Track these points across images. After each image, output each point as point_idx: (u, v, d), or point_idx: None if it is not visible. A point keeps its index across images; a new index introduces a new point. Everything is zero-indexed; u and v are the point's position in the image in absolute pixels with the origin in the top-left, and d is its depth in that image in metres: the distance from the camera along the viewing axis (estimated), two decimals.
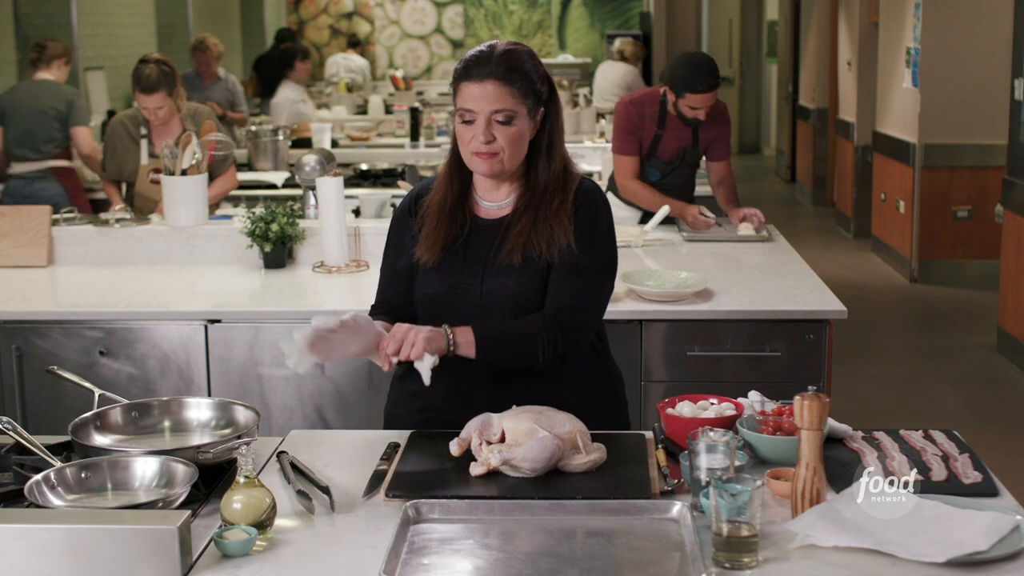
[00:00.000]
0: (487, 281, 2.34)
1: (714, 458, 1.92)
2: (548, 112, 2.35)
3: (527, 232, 2.32)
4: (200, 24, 11.49)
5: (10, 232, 4.06)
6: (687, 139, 4.53)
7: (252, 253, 4.00)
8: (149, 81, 4.57)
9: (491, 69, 2.26)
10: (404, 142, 7.68)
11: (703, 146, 4.57)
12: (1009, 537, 1.81)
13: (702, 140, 4.54)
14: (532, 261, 2.32)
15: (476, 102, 2.27)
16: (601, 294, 2.40)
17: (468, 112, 2.28)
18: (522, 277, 2.32)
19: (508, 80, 2.26)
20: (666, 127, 4.50)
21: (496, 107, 2.26)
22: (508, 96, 2.26)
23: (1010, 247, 6.24)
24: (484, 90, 2.26)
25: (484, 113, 2.26)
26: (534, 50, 2.39)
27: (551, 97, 2.35)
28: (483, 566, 1.78)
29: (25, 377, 3.45)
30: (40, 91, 6.04)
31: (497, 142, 2.28)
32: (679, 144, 4.54)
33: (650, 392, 3.40)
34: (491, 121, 2.27)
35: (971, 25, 7.60)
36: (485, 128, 2.27)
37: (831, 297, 3.47)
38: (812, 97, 11.24)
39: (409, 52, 15.26)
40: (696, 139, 4.53)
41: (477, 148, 2.28)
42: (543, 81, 2.33)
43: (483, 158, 2.29)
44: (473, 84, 2.27)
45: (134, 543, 1.71)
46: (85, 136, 6.01)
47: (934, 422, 3.53)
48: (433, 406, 2.40)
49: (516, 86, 2.27)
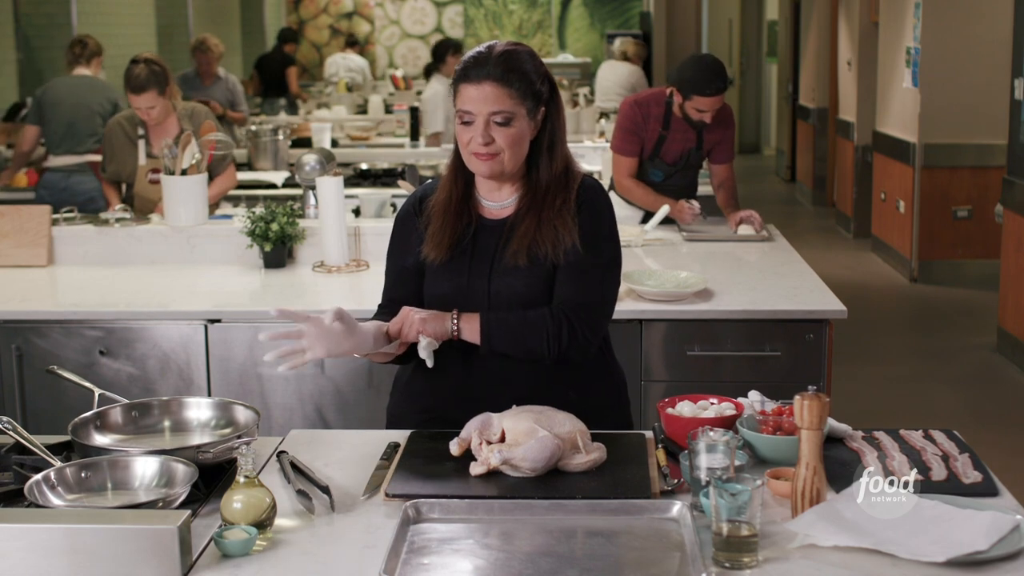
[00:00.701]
0: (495, 281, 2.34)
1: (714, 458, 1.92)
2: (549, 112, 2.35)
3: (532, 233, 2.32)
4: (200, 24, 11.50)
5: (10, 232, 4.06)
6: (691, 141, 4.53)
7: (252, 253, 4.00)
8: (138, 81, 4.56)
9: (489, 71, 2.26)
10: (404, 142, 7.69)
11: (707, 148, 4.57)
12: (1009, 537, 1.81)
13: (706, 142, 4.54)
14: (538, 262, 2.32)
15: (474, 104, 2.27)
16: (607, 291, 2.40)
17: (466, 114, 2.28)
18: (528, 278, 2.32)
19: (506, 81, 2.26)
20: (671, 128, 4.50)
21: (494, 109, 2.26)
22: (506, 97, 2.26)
23: (1010, 247, 6.24)
24: (482, 92, 2.26)
25: (482, 115, 2.26)
26: (535, 50, 2.39)
27: (552, 96, 2.35)
28: (483, 566, 1.78)
29: (25, 377, 3.45)
30: (82, 87, 6.04)
31: (496, 143, 2.28)
32: (684, 146, 4.54)
33: (650, 392, 3.40)
34: (489, 122, 2.27)
35: (971, 25, 7.60)
36: (483, 130, 2.27)
37: (831, 297, 3.47)
38: (812, 97, 11.24)
39: (409, 52, 15.26)
40: (700, 141, 4.53)
41: (476, 149, 2.28)
42: (543, 80, 2.33)
43: (482, 159, 2.29)
44: (471, 86, 2.27)
45: (134, 543, 1.71)
46: None
47: (934, 422, 3.53)
48: (436, 406, 2.40)
49: (514, 87, 2.27)
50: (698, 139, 4.52)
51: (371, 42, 15.30)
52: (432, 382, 2.41)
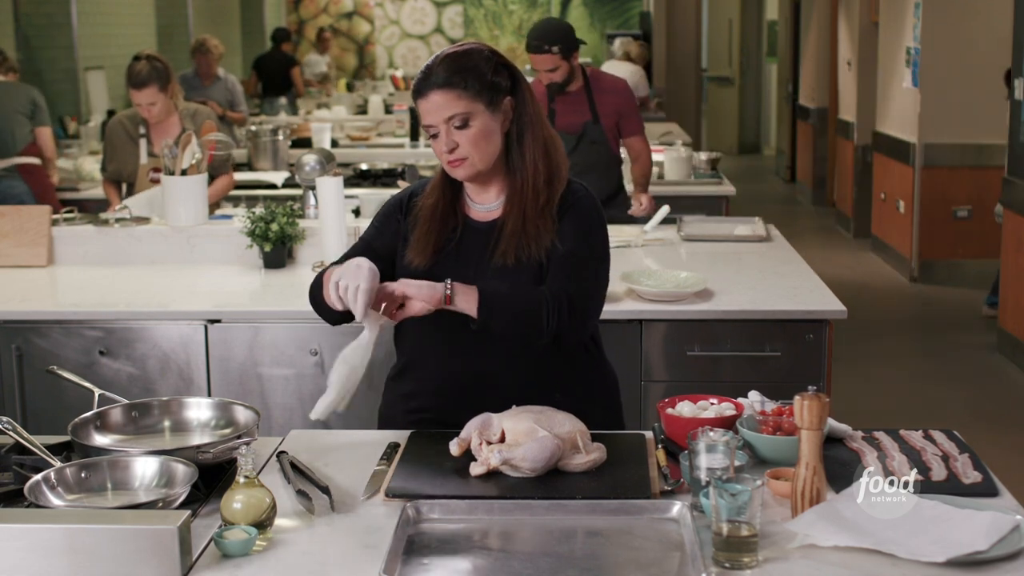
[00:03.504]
0: (479, 284, 2.34)
1: (714, 458, 1.92)
2: (517, 101, 2.34)
3: (519, 233, 2.32)
4: (200, 24, 11.50)
5: (10, 232, 4.06)
6: (584, 114, 4.64)
7: (252, 253, 4.00)
8: (140, 76, 4.57)
9: (432, 80, 2.28)
10: (404, 142, 7.69)
11: (606, 122, 4.64)
12: (1009, 537, 1.81)
13: (602, 115, 4.63)
14: (523, 262, 2.32)
15: (430, 115, 2.29)
16: (596, 284, 2.37)
17: (429, 127, 2.31)
18: (515, 280, 2.32)
19: (451, 84, 2.27)
20: (556, 100, 4.63)
21: (447, 114, 2.27)
22: (455, 100, 2.27)
23: (1010, 247, 6.24)
24: (430, 103, 2.28)
25: (440, 124, 2.28)
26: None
27: (516, 86, 2.34)
28: (483, 566, 1.78)
29: (25, 377, 3.45)
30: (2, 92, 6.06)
31: (461, 147, 2.29)
32: (578, 119, 4.64)
33: (650, 392, 3.40)
34: (449, 129, 2.28)
35: (971, 25, 7.60)
36: (446, 137, 2.29)
37: (831, 297, 3.47)
38: (812, 97, 11.24)
39: (409, 52, 15.27)
40: (595, 114, 4.60)
41: (446, 158, 2.31)
42: (499, 71, 2.31)
43: (454, 166, 2.32)
44: (422, 100, 2.30)
45: (134, 543, 1.71)
46: (48, 137, 6.05)
47: (934, 422, 3.53)
48: (426, 407, 2.41)
49: (462, 88, 2.27)
50: (592, 111, 4.61)
51: (371, 42, 15.30)
52: (418, 382, 2.42)
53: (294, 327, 3.43)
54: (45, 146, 6.04)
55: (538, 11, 15.02)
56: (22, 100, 6.03)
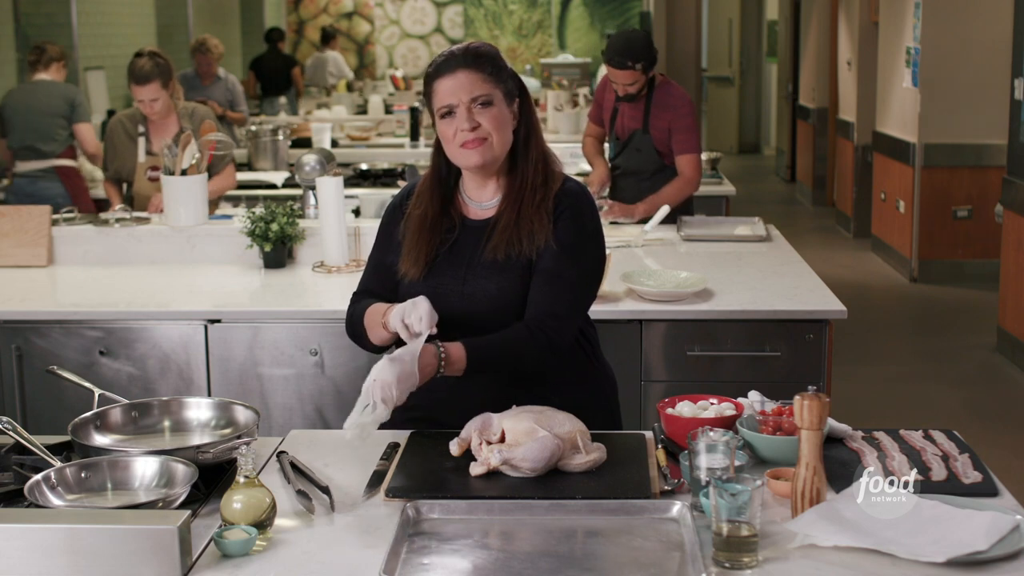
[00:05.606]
0: (468, 283, 2.34)
1: (714, 458, 1.92)
2: (522, 105, 2.38)
3: (511, 228, 2.33)
4: (200, 24, 11.50)
5: (10, 232, 4.06)
6: (638, 121, 4.67)
7: (252, 253, 4.00)
8: (142, 72, 4.57)
9: (459, 61, 2.30)
10: (404, 142, 7.69)
11: (656, 135, 4.64)
12: (1009, 537, 1.81)
13: (653, 127, 4.62)
14: (513, 259, 2.32)
15: (453, 94, 2.29)
16: (584, 300, 2.42)
17: (446, 107, 2.30)
18: (502, 280, 2.32)
19: (478, 66, 2.30)
20: (621, 103, 4.71)
21: (474, 93, 2.28)
22: (481, 81, 2.29)
23: (1010, 247, 6.24)
24: (457, 80, 2.28)
25: (463, 102, 2.28)
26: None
27: (522, 94, 2.39)
28: (483, 566, 1.78)
29: (25, 377, 3.45)
30: (41, 91, 6.06)
31: (483, 127, 2.29)
32: (631, 124, 4.70)
33: (650, 392, 3.40)
34: (471, 108, 2.28)
35: (971, 25, 7.60)
36: (467, 115, 2.28)
37: (831, 297, 3.47)
38: (812, 97, 11.24)
39: (409, 52, 15.25)
40: (647, 125, 4.61)
41: (464, 138, 2.29)
42: (512, 76, 2.37)
43: (471, 147, 2.29)
44: (446, 78, 2.29)
45: (134, 543, 1.71)
46: (89, 133, 6.04)
47: (934, 422, 3.53)
48: (421, 405, 2.40)
49: (487, 72, 2.30)
50: (644, 121, 4.61)
51: (371, 42, 15.30)
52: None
53: (294, 327, 3.43)
54: (86, 141, 6.03)
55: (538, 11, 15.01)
56: (58, 102, 6.01)
